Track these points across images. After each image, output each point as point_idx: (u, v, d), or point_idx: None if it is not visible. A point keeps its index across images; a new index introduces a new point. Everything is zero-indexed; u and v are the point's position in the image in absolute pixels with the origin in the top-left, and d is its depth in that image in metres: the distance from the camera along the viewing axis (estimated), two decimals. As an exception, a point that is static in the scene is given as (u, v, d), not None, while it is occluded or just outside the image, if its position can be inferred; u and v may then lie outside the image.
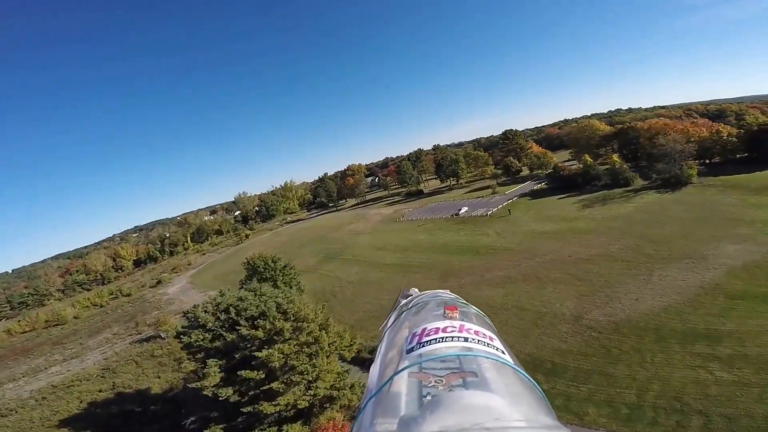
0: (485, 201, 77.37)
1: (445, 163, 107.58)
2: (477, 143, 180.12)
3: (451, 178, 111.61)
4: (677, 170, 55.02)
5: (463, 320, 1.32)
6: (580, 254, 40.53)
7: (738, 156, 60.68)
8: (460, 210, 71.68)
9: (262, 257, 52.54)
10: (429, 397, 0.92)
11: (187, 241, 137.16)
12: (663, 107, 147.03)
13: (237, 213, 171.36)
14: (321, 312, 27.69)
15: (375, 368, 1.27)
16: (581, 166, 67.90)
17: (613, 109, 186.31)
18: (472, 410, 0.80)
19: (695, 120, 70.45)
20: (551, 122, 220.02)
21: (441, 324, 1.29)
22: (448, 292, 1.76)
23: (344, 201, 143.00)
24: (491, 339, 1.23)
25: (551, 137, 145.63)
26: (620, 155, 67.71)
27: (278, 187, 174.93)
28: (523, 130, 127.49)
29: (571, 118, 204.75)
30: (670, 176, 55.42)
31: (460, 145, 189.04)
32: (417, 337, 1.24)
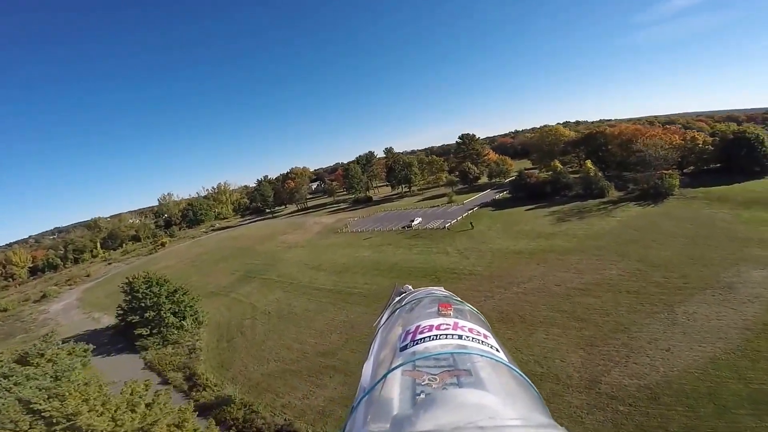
0: (441, 211, 67.32)
1: (397, 168, 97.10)
2: (430, 151, 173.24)
3: (403, 185, 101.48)
4: (657, 180, 48.43)
5: (457, 317, 1.28)
6: (571, 282, 30.70)
7: (710, 166, 56.25)
8: (412, 221, 60.75)
9: (146, 278, 38.45)
10: (423, 396, 0.91)
11: (96, 248, 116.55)
12: (608, 120, 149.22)
13: (166, 216, 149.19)
14: (140, 396, 14.47)
15: (368, 366, 1.22)
16: (549, 173, 60.17)
17: (561, 122, 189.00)
18: (467, 408, 0.79)
19: (667, 127, 66.65)
20: (502, 132, 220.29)
21: (435, 321, 1.26)
22: (441, 289, 1.72)
23: (284, 207, 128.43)
24: (486, 336, 1.19)
25: (504, 146, 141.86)
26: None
27: (211, 189, 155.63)
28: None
29: (521, 129, 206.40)
30: (650, 186, 48.72)
31: (413, 153, 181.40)
32: (411, 335, 1.22)
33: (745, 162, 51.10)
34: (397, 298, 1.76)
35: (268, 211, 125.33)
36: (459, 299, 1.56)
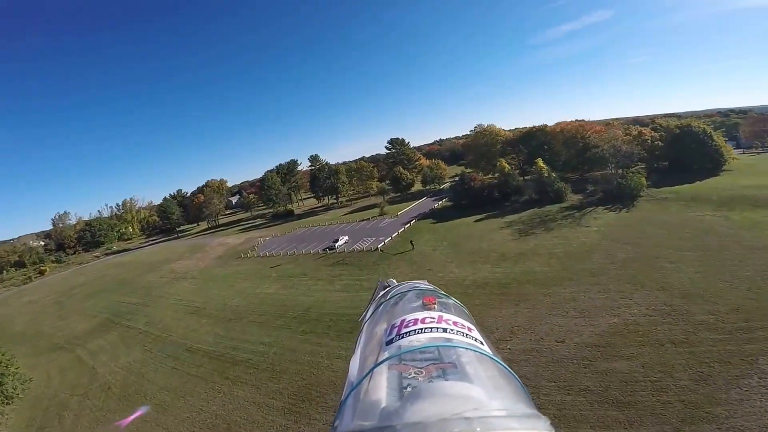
0: (372, 226, 54.61)
1: (321, 176, 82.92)
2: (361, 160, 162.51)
3: (330, 196, 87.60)
4: (620, 180, 41.24)
5: (441, 311, 1.29)
6: (580, 335, 19.48)
7: (659, 164, 51.59)
8: (337, 241, 46.91)
9: None
10: (409, 389, 0.91)
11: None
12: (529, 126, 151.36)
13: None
14: None
15: (355, 361, 1.21)
16: (496, 176, 50.97)
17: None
18: (453, 400, 0.81)
19: (610, 123, 62.20)
20: (428, 142, 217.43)
21: (420, 315, 1.27)
22: (425, 282, 1.70)
23: (197, 225, 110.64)
24: (470, 330, 1.20)
25: (432, 154, 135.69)
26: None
27: (116, 207, 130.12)
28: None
29: (445, 138, 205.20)
30: (613, 187, 41.35)
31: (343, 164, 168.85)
32: (396, 329, 1.22)
33: (696, 158, 46.87)
34: (382, 292, 1.68)
35: (177, 230, 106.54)
36: (443, 293, 1.49)
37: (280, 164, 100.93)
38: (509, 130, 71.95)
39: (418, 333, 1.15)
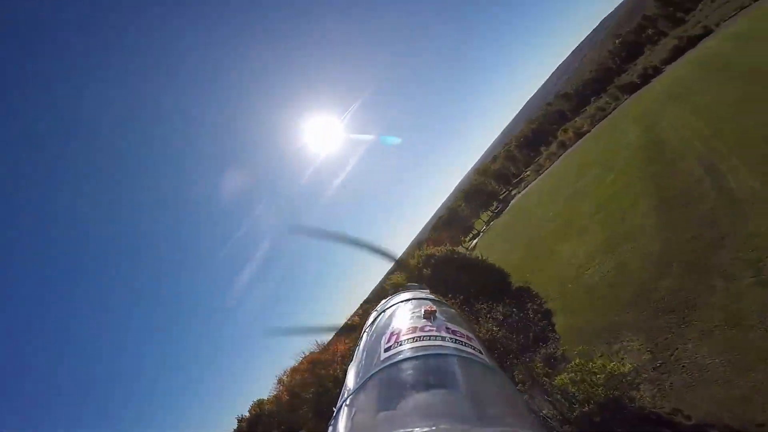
0: None
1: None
2: None
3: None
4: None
5: (441, 320, 1.27)
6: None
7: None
8: None
9: None
10: (406, 397, 0.92)
11: None
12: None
13: None
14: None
15: (353, 368, 1.20)
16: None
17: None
18: (448, 409, 0.82)
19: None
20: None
21: (420, 323, 1.25)
22: (427, 292, 1.67)
23: None
24: (469, 339, 1.17)
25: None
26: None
27: None
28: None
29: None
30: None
31: None
32: (395, 336, 1.19)
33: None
34: (383, 301, 1.64)
35: None
36: (445, 302, 1.40)
37: None
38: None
39: (416, 341, 1.06)
